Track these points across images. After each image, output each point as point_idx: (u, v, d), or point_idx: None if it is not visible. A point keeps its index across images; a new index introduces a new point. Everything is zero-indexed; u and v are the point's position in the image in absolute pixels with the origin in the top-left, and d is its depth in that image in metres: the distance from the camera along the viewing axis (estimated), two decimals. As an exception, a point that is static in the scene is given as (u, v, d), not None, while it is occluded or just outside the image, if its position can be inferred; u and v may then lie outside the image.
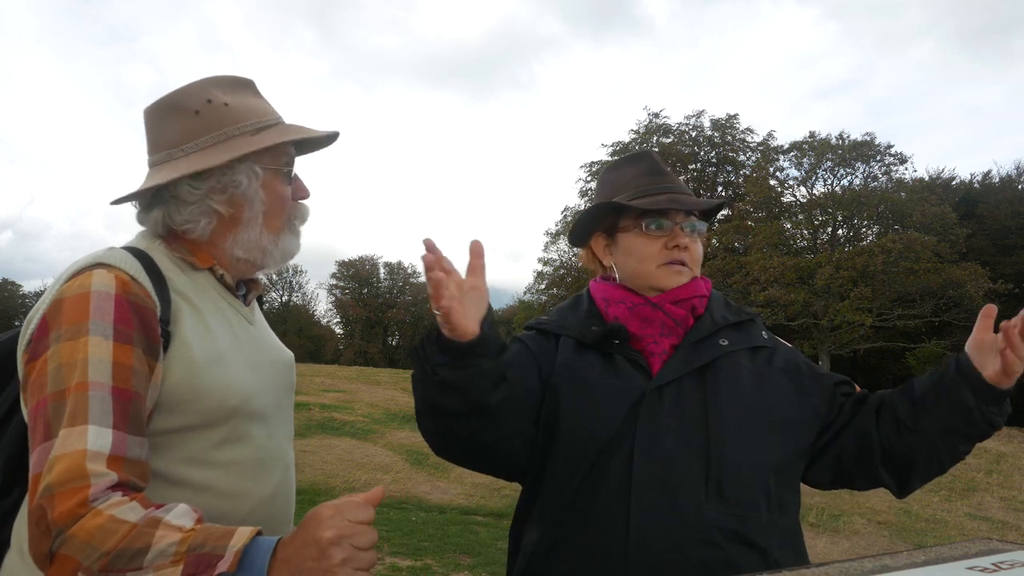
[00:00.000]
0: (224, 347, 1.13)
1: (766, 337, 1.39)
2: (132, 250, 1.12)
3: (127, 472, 0.95)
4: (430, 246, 1.10)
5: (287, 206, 1.23)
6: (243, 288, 1.31)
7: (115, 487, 0.93)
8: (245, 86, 1.25)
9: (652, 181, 1.39)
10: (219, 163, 1.14)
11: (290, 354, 1.37)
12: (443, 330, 1.10)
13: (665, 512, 1.19)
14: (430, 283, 1.07)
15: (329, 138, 1.31)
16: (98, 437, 0.93)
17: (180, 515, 0.92)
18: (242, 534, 0.89)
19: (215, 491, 1.08)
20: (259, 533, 0.91)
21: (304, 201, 1.28)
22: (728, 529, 1.19)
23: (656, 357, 1.32)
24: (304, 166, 1.40)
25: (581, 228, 1.47)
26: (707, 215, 1.46)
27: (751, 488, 1.22)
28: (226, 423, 1.10)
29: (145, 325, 1.03)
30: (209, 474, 1.08)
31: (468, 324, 1.10)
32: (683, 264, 1.35)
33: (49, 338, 0.99)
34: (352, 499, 0.94)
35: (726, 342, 1.32)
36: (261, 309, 1.44)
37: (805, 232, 30.75)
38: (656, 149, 32.65)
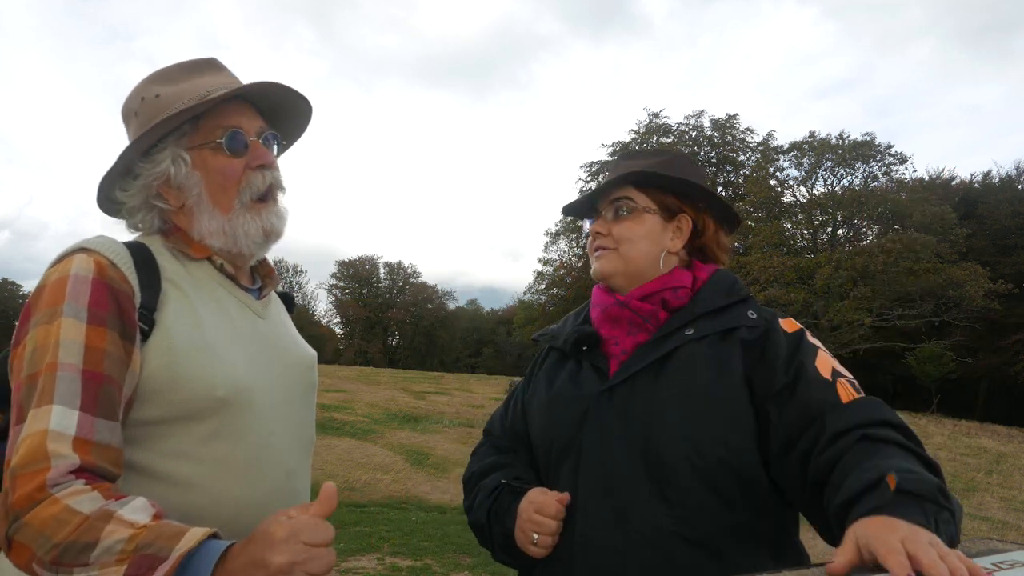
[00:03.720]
0: (214, 337, 1.07)
1: (752, 316, 1.23)
2: (129, 243, 1.12)
3: (94, 456, 0.91)
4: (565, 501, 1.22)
5: (233, 179, 1.13)
6: (257, 282, 1.27)
7: (79, 472, 0.89)
8: (193, 70, 1.18)
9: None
10: (123, 165, 1.13)
11: (312, 354, 1.30)
12: (526, 550, 1.23)
13: (607, 516, 1.17)
14: (549, 531, 1.20)
15: (292, 98, 1.20)
16: (63, 417, 0.90)
17: (135, 510, 0.87)
18: (192, 536, 0.83)
19: (200, 489, 1.02)
20: (215, 535, 0.85)
21: (269, 169, 1.16)
22: (670, 531, 1.13)
23: (615, 359, 1.29)
24: (303, 164, 1.38)
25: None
26: (678, 192, 1.32)
27: (696, 488, 1.13)
28: (214, 415, 1.03)
29: (121, 309, 1.00)
30: (195, 470, 1.02)
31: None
32: (601, 248, 1.33)
33: (29, 323, 0.99)
34: (309, 519, 0.85)
35: (692, 331, 1.23)
36: (292, 309, 1.39)
37: (805, 232, 30.76)
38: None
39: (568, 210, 1.45)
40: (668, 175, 1.32)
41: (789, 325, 1.23)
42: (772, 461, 1.12)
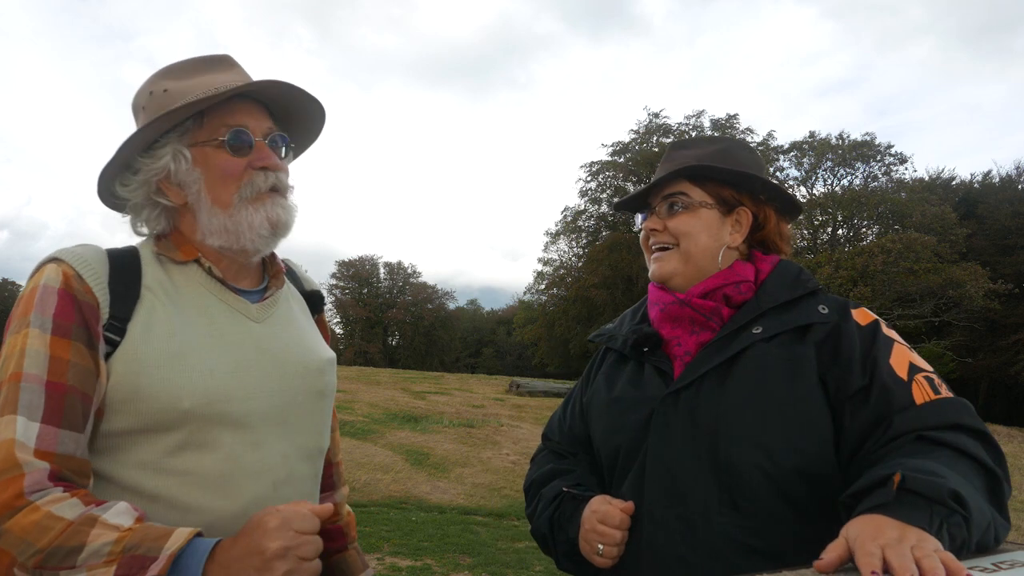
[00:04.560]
0: (189, 345, 1.05)
1: (824, 312, 1.16)
2: (120, 248, 1.12)
3: (58, 467, 0.92)
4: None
5: (233, 177, 1.11)
6: (264, 281, 1.23)
7: (55, 481, 0.91)
8: (204, 65, 1.17)
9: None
10: (121, 159, 1.12)
11: (324, 357, 1.24)
12: (590, 560, 1.19)
13: (674, 523, 1.13)
14: (614, 542, 1.16)
15: (300, 101, 1.17)
16: (25, 429, 0.91)
17: (118, 514, 0.90)
18: (179, 536, 0.87)
19: (166, 501, 1.00)
20: (199, 534, 0.89)
21: (273, 171, 1.13)
22: (741, 543, 1.08)
23: (679, 360, 1.23)
24: (303, 164, 1.36)
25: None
26: (734, 184, 1.28)
27: (769, 497, 1.08)
28: (182, 427, 1.01)
29: (86, 320, 1.00)
30: (161, 482, 1.00)
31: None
32: (660, 248, 1.28)
33: (7, 333, 1.01)
34: (299, 508, 0.92)
35: (760, 329, 1.16)
36: (318, 308, 1.35)
37: (805, 232, 30.75)
38: (656, 149, 32.69)
39: (621, 206, 1.39)
40: (723, 167, 1.25)
41: (863, 317, 1.16)
42: (844, 466, 1.08)
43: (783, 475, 1.08)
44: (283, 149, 1.19)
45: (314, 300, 1.34)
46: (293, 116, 1.23)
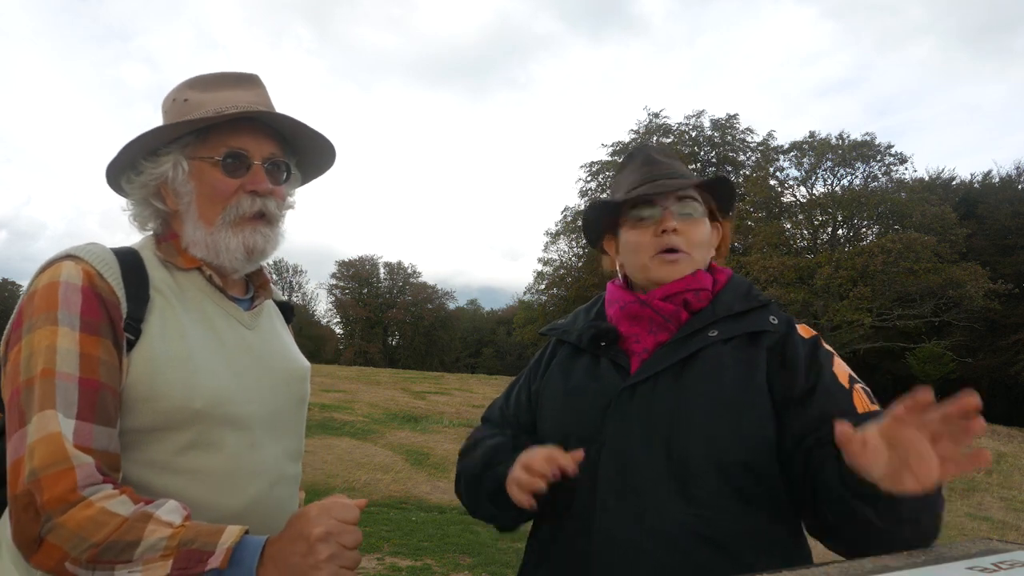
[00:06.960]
0: (197, 348, 1.09)
1: (774, 322, 1.25)
2: (121, 248, 1.13)
3: (97, 460, 0.94)
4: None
5: (222, 197, 1.14)
6: (250, 291, 1.27)
7: (104, 478, 0.93)
8: (227, 81, 1.20)
9: (643, 173, 1.36)
10: (126, 157, 1.15)
11: (304, 366, 1.30)
12: (516, 497, 1.19)
13: (626, 513, 1.17)
14: (539, 482, 1.16)
15: (315, 139, 1.21)
16: (64, 425, 0.93)
17: (170, 511, 0.93)
18: (232, 532, 0.91)
19: (175, 499, 1.00)
20: (246, 532, 0.93)
21: (262, 196, 1.16)
22: (692, 532, 1.13)
23: (636, 356, 1.29)
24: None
25: (589, 234, 1.47)
26: (723, 200, 1.39)
27: (720, 489, 1.14)
28: (192, 427, 1.05)
29: (111, 318, 1.02)
30: (170, 481, 1.03)
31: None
32: (675, 251, 1.29)
33: (22, 328, 1.00)
34: (339, 499, 0.96)
35: (716, 332, 1.24)
36: (290, 318, 1.40)
37: (805, 232, 30.76)
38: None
39: (634, 198, 1.33)
40: (731, 183, 1.39)
41: (805, 331, 1.27)
42: (783, 461, 1.15)
43: (734, 468, 1.15)
44: (284, 175, 1.21)
45: (287, 310, 1.40)
46: (303, 146, 1.26)
